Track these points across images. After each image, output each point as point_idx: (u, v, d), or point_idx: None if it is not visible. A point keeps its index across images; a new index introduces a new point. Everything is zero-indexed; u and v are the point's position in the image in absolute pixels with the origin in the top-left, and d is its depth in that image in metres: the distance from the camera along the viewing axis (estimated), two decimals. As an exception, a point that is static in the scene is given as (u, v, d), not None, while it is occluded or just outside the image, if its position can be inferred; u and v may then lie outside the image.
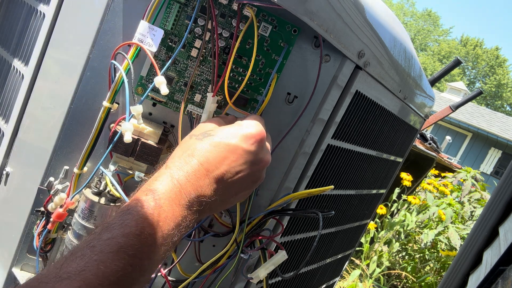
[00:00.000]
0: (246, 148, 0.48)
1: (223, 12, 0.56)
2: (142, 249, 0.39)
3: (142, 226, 0.39)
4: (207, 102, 0.57)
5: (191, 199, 0.44)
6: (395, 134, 0.94)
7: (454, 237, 2.61)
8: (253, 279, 0.61)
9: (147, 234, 0.39)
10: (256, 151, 0.49)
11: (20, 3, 0.78)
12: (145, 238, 0.39)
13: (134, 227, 0.39)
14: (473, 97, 2.73)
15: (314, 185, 0.69)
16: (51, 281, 0.35)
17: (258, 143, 0.49)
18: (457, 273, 1.19)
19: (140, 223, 0.39)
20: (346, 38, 0.57)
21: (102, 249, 0.37)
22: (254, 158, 0.49)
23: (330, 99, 0.61)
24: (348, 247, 1.10)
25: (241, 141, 0.48)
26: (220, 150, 0.47)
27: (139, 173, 0.58)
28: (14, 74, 0.74)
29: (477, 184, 3.46)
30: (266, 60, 0.58)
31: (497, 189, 1.17)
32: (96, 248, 0.37)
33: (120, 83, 0.55)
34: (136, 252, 0.38)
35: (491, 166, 13.72)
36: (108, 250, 0.37)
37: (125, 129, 0.52)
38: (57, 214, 0.60)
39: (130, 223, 0.39)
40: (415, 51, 0.91)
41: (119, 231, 0.38)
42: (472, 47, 26.91)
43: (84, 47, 0.59)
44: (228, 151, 0.48)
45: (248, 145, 0.49)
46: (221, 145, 0.48)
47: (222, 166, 0.47)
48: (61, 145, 0.62)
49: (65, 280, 0.34)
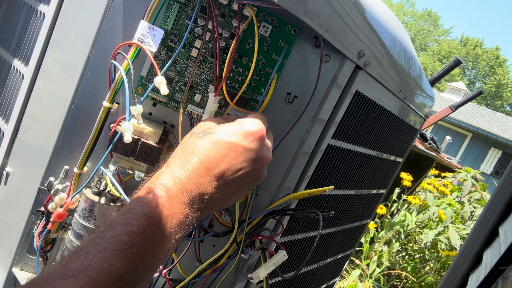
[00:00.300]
0: (246, 146, 0.49)
1: (223, 12, 0.56)
2: (145, 247, 0.39)
3: (145, 224, 0.40)
4: (209, 101, 0.57)
5: (192, 197, 0.45)
6: (395, 134, 0.94)
7: (454, 237, 2.61)
8: (253, 279, 0.61)
9: (149, 232, 0.40)
10: (256, 149, 0.49)
11: (20, 3, 0.78)
12: (147, 236, 0.40)
13: (137, 226, 0.39)
14: (473, 97, 2.73)
15: (314, 185, 0.69)
16: (56, 278, 0.35)
17: (258, 140, 0.50)
18: (457, 273, 1.19)
19: (142, 222, 0.40)
20: (346, 38, 0.57)
21: (105, 247, 0.37)
22: (254, 155, 0.49)
23: (330, 99, 0.61)
24: (348, 247, 1.10)
25: (241, 139, 0.49)
26: (220, 148, 0.48)
27: (139, 173, 0.58)
28: (14, 74, 0.74)
29: (477, 184, 3.46)
30: (266, 60, 0.59)
31: (497, 189, 1.17)
32: (100, 246, 0.37)
33: (120, 83, 0.55)
34: (139, 250, 0.38)
35: (491, 166, 13.72)
36: (112, 248, 0.37)
37: (125, 129, 0.53)
38: (57, 214, 0.60)
39: (133, 221, 0.40)
40: (415, 51, 0.91)
41: (122, 230, 0.39)
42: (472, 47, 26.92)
43: (84, 47, 0.59)
44: (228, 148, 0.48)
45: (248, 143, 0.49)
46: (221, 142, 0.48)
47: (223, 164, 0.47)
48: (61, 145, 0.62)
49: (70, 277, 0.35)
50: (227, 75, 0.56)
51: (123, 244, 0.38)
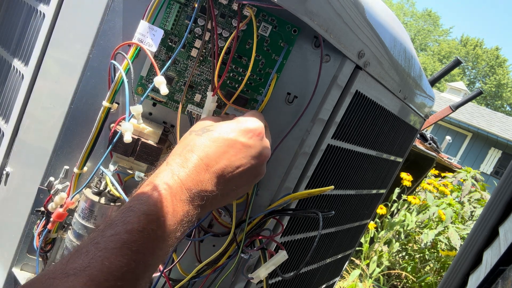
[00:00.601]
0: (244, 142, 0.49)
1: (223, 12, 0.56)
2: (146, 245, 0.39)
3: (145, 222, 0.40)
4: (207, 101, 0.57)
5: (192, 194, 0.45)
6: (395, 134, 0.94)
7: (454, 237, 2.61)
8: (253, 279, 0.61)
9: (149, 230, 0.40)
10: (255, 145, 0.50)
11: (20, 3, 0.78)
12: (147, 234, 0.40)
13: (137, 224, 0.39)
14: (473, 97, 2.73)
15: (314, 185, 0.69)
16: (57, 277, 0.36)
17: (256, 137, 0.50)
18: (457, 273, 1.19)
19: (142, 220, 0.40)
20: (346, 38, 0.57)
21: (106, 246, 0.37)
22: (253, 152, 0.50)
23: (330, 99, 0.61)
24: (348, 247, 1.10)
25: (240, 135, 0.49)
26: (219, 144, 0.48)
27: (139, 173, 0.58)
28: (14, 74, 0.74)
29: (477, 184, 3.46)
30: (266, 60, 0.58)
31: (497, 189, 1.17)
32: (100, 244, 0.38)
33: (120, 83, 0.55)
34: (139, 247, 0.39)
35: (491, 166, 13.72)
36: (112, 246, 0.37)
37: (125, 129, 0.53)
38: (57, 214, 0.60)
39: (133, 219, 0.40)
40: (415, 51, 0.91)
41: (122, 228, 0.39)
42: (472, 47, 26.92)
43: (84, 47, 0.59)
44: (228, 145, 0.48)
45: (247, 139, 0.49)
46: (220, 139, 0.48)
47: (222, 161, 0.47)
48: (61, 145, 0.62)
49: (71, 276, 0.35)
50: (226, 75, 0.56)
51: (123, 242, 0.38)
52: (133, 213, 0.40)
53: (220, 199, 0.49)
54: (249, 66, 0.56)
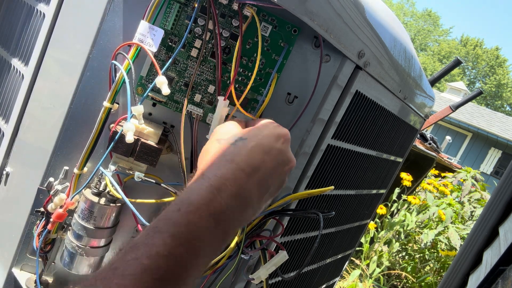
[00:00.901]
0: (279, 148, 0.48)
1: (223, 12, 0.56)
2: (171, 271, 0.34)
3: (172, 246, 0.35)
4: (219, 106, 0.56)
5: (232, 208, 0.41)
6: (395, 134, 0.94)
7: (454, 237, 2.61)
8: (254, 280, 0.60)
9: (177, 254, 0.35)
10: (286, 150, 0.49)
11: (20, 3, 0.78)
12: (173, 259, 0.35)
13: (162, 247, 0.34)
14: (473, 97, 2.73)
15: (314, 185, 0.69)
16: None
17: (287, 142, 0.50)
18: (457, 273, 1.19)
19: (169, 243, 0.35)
20: (346, 38, 0.57)
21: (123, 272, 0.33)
22: (285, 157, 0.49)
23: (330, 99, 0.61)
24: (348, 247, 1.10)
25: (274, 141, 0.48)
26: (258, 152, 0.46)
27: (139, 173, 0.58)
28: (14, 74, 0.74)
29: (477, 184, 3.46)
30: (266, 60, 0.58)
31: (497, 189, 1.17)
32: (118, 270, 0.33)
33: (120, 83, 0.55)
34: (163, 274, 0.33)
35: (491, 166, 13.72)
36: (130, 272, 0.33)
37: (127, 129, 0.52)
38: (57, 215, 0.60)
39: (158, 242, 0.35)
40: (415, 51, 0.91)
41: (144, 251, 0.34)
42: (472, 47, 26.92)
43: (84, 47, 0.59)
44: (265, 153, 0.46)
45: (280, 144, 0.48)
46: (257, 147, 0.46)
47: (261, 170, 0.45)
48: (61, 145, 0.62)
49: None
50: (235, 77, 0.56)
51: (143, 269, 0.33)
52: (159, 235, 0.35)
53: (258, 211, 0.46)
54: (255, 66, 0.56)
